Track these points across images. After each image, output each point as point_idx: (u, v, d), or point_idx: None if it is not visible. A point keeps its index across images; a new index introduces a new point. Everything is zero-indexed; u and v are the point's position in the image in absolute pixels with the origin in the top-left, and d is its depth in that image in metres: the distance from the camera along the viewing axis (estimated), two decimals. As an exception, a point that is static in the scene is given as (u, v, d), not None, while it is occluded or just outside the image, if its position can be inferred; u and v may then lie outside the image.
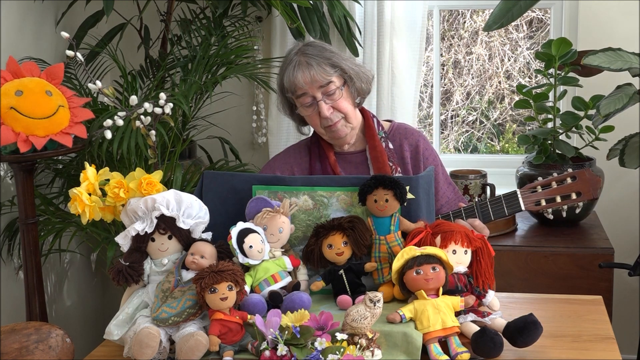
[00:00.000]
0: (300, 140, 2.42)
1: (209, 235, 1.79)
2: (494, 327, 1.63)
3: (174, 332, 1.61)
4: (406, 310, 1.61)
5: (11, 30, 2.74)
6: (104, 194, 1.77)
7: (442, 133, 4.15)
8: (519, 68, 4.26)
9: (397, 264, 1.66)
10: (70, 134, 2.23)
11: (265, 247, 1.75)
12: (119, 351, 1.67)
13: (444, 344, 1.59)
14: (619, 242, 2.97)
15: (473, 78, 4.30)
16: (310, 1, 2.80)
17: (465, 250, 1.73)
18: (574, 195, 1.98)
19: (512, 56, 4.26)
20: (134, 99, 1.90)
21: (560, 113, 2.86)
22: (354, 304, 1.65)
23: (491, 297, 1.73)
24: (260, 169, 3.18)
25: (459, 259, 1.72)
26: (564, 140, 2.87)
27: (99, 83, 1.92)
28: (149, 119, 1.91)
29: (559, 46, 2.74)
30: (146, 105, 1.89)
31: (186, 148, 3.05)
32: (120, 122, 1.91)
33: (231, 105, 3.29)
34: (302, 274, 1.82)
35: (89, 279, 3.32)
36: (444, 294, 1.64)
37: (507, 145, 4.29)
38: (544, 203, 1.99)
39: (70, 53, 2.00)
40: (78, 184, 1.77)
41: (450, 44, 4.29)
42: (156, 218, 1.71)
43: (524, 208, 2.00)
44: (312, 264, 1.80)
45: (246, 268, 1.73)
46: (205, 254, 1.70)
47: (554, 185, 1.99)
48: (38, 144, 2.14)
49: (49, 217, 2.70)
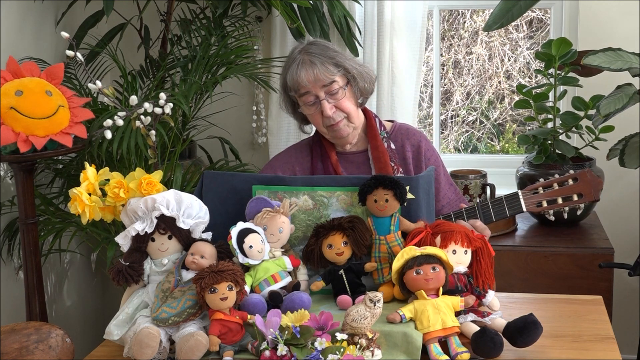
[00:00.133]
0: (301, 139, 2.42)
1: (209, 235, 1.79)
2: (494, 327, 1.63)
3: (174, 332, 1.61)
4: (406, 310, 1.61)
5: (11, 30, 2.74)
6: (104, 194, 1.77)
7: (442, 133, 4.15)
8: (519, 68, 4.26)
9: (397, 264, 1.66)
10: (70, 134, 2.23)
11: (265, 247, 1.75)
12: (119, 351, 1.67)
13: (444, 344, 1.59)
14: (619, 242, 2.97)
15: (473, 78, 4.30)
16: (310, 1, 2.80)
17: (465, 250, 1.73)
18: (575, 197, 1.98)
19: (512, 56, 4.26)
20: (134, 99, 1.90)
21: (560, 113, 2.86)
22: (354, 304, 1.64)
23: (491, 297, 1.73)
24: (260, 169, 3.18)
25: (459, 259, 1.72)
26: (564, 140, 2.87)
27: (99, 83, 1.92)
28: (149, 119, 1.91)
29: (559, 46, 2.74)
30: (146, 105, 1.89)
31: (186, 148, 3.05)
32: (120, 122, 1.91)
33: (231, 105, 3.28)
34: (302, 274, 1.82)
35: (89, 279, 3.32)
36: (444, 294, 1.64)
37: (507, 145, 4.29)
38: (545, 204, 1.99)
39: (70, 53, 2.00)
40: (78, 184, 1.77)
41: (450, 44, 4.29)
42: (156, 218, 1.71)
43: (525, 209, 2.00)
44: (312, 264, 1.80)
45: (246, 268, 1.73)
46: (205, 254, 1.70)
47: (556, 186, 1.99)
48: (38, 144, 2.14)
49: (49, 217, 2.70)
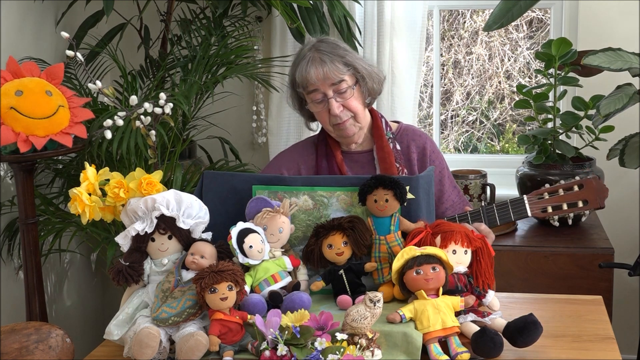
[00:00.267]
0: (306, 137, 2.42)
1: (209, 235, 1.79)
2: (494, 327, 1.63)
3: (174, 332, 1.61)
4: (406, 310, 1.61)
5: (11, 30, 2.74)
6: (104, 194, 1.77)
7: (442, 133, 4.15)
8: (519, 68, 4.26)
9: (397, 264, 1.66)
10: (70, 134, 2.23)
11: (265, 247, 1.74)
12: (119, 351, 1.67)
13: (444, 344, 1.59)
14: (619, 242, 2.96)
15: (473, 78, 4.30)
16: (310, 1, 2.80)
17: (465, 250, 1.73)
18: (580, 204, 1.98)
19: (512, 56, 4.26)
20: (134, 99, 1.90)
21: (560, 113, 2.86)
22: (354, 304, 1.64)
23: (491, 297, 1.73)
24: (260, 169, 3.18)
25: (459, 259, 1.72)
26: (564, 140, 2.87)
27: (99, 83, 1.92)
28: (149, 119, 1.91)
29: (559, 46, 2.74)
30: (146, 105, 1.89)
31: (186, 148, 3.05)
32: (120, 122, 1.91)
33: (231, 105, 3.28)
34: (302, 274, 1.82)
35: (89, 279, 3.32)
36: (444, 294, 1.64)
37: (507, 145, 4.29)
38: (550, 210, 1.99)
39: (70, 53, 2.00)
40: (78, 184, 1.77)
41: (450, 44, 4.28)
42: (156, 218, 1.71)
43: (530, 214, 2.00)
44: (312, 264, 1.80)
45: (246, 268, 1.73)
46: (205, 254, 1.70)
47: (561, 192, 1.99)
48: (38, 144, 2.14)
49: (49, 217, 2.70)
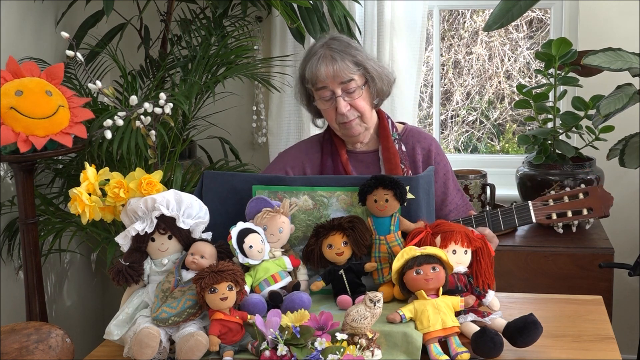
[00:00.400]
0: (302, 139, 2.42)
1: (209, 235, 1.79)
2: (494, 327, 1.63)
3: (174, 332, 1.61)
4: (406, 310, 1.61)
5: (11, 30, 2.74)
6: (104, 194, 1.77)
7: (442, 133, 4.15)
8: (519, 68, 4.26)
9: (397, 264, 1.66)
10: (70, 134, 2.23)
11: (265, 247, 1.74)
12: (119, 351, 1.67)
13: (444, 344, 1.59)
14: (619, 242, 2.96)
15: (473, 78, 4.30)
16: (310, 1, 2.80)
17: (465, 250, 1.73)
18: (585, 211, 1.98)
19: (512, 56, 4.26)
20: (134, 99, 1.90)
21: (560, 113, 2.86)
22: (354, 304, 1.64)
23: (491, 297, 1.73)
24: (260, 169, 3.19)
25: (459, 259, 1.72)
26: (564, 140, 2.87)
27: (99, 83, 1.92)
28: (149, 119, 1.91)
29: (559, 46, 2.74)
30: (146, 105, 1.89)
31: (186, 148, 3.05)
32: (120, 122, 1.91)
33: (231, 105, 3.28)
34: (302, 274, 1.82)
35: (89, 279, 3.32)
36: (444, 294, 1.64)
37: (507, 145, 4.28)
38: (555, 217, 1.99)
39: (70, 53, 2.00)
40: (78, 184, 1.77)
41: (450, 44, 4.28)
42: (156, 218, 1.71)
43: (535, 220, 2.00)
44: (312, 264, 1.80)
45: (246, 268, 1.73)
46: (205, 254, 1.70)
47: (566, 199, 1.99)
48: (38, 144, 2.14)
49: (49, 217, 2.70)
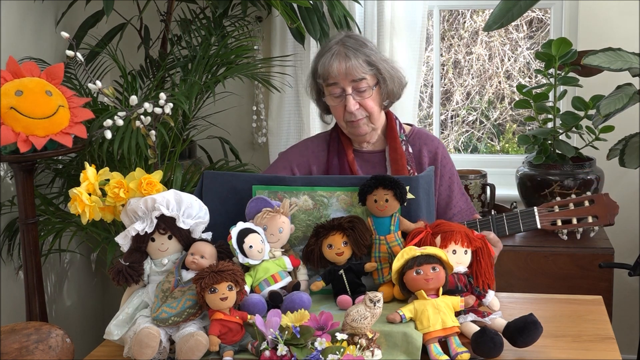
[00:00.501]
0: (302, 139, 2.42)
1: (209, 235, 1.79)
2: (494, 327, 1.63)
3: (174, 332, 1.61)
4: (406, 310, 1.61)
5: (11, 30, 2.74)
6: (104, 194, 1.77)
7: (442, 133, 4.15)
8: (519, 68, 4.26)
9: (397, 264, 1.66)
10: (70, 134, 2.23)
11: (265, 247, 1.74)
12: (119, 351, 1.67)
13: (444, 344, 1.59)
14: (619, 242, 2.96)
15: (473, 78, 4.30)
16: (310, 1, 2.80)
17: (465, 250, 1.73)
18: (590, 219, 1.98)
19: (512, 56, 4.26)
20: (134, 99, 1.90)
21: (560, 113, 2.86)
22: (354, 304, 1.64)
23: (491, 297, 1.73)
24: (260, 169, 3.19)
25: (459, 259, 1.72)
26: (564, 140, 2.87)
27: (99, 83, 1.92)
28: (149, 119, 1.91)
29: (559, 46, 2.74)
30: (146, 105, 1.89)
31: (186, 148, 3.05)
32: (120, 122, 1.91)
33: (231, 105, 3.28)
34: (302, 274, 1.82)
35: (89, 279, 3.32)
36: (444, 294, 1.64)
37: (507, 145, 4.28)
38: (559, 223, 1.99)
39: (70, 53, 2.00)
40: (78, 184, 1.77)
41: (450, 44, 4.28)
42: (156, 218, 1.71)
43: (539, 226, 1.99)
44: (312, 264, 1.80)
45: (246, 268, 1.73)
46: (205, 254, 1.70)
47: (572, 206, 1.99)
48: (38, 144, 2.14)
49: (49, 217, 2.70)
